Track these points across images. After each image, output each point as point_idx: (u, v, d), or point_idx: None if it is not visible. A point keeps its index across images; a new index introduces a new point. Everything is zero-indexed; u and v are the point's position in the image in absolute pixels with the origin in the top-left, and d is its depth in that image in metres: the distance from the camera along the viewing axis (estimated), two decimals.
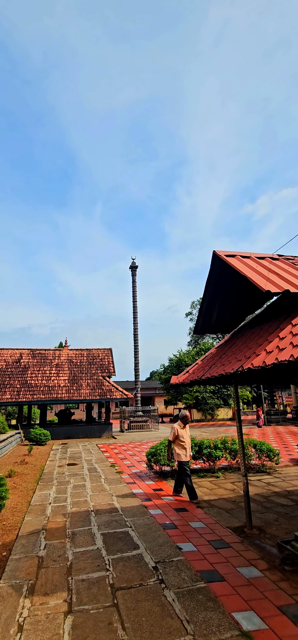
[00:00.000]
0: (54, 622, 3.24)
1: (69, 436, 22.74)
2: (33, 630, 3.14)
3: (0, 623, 3.26)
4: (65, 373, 24.85)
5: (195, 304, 57.88)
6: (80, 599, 3.60)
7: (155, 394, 54.00)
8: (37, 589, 3.84)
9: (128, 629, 3.11)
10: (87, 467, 11.19)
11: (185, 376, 6.28)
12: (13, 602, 3.61)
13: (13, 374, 24.01)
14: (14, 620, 3.29)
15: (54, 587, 3.85)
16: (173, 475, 9.17)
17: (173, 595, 3.61)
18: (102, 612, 3.37)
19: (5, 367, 24.48)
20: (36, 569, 4.30)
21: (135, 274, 29.93)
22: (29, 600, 3.63)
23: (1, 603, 3.58)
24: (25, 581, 4.01)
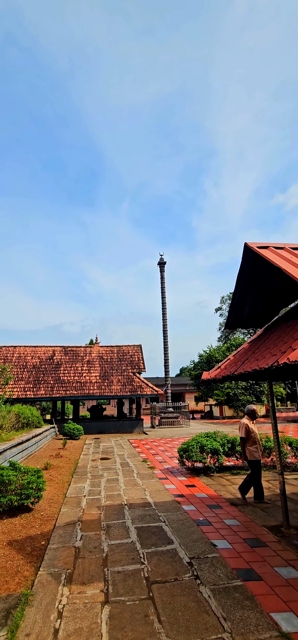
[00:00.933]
0: (92, 611, 3.32)
1: (101, 431, 23.20)
2: (72, 617, 3.24)
3: (41, 609, 3.39)
4: (96, 369, 25.35)
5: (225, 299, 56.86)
6: (116, 590, 3.66)
7: (186, 390, 53.76)
8: (75, 578, 3.96)
9: (164, 622, 3.13)
10: (119, 461, 11.37)
11: (217, 372, 6.19)
12: (52, 589, 3.74)
13: (47, 371, 24.84)
14: (53, 607, 3.41)
15: (90, 577, 3.95)
16: (205, 472, 9.10)
17: (209, 591, 3.59)
18: (138, 604, 3.41)
19: (39, 364, 25.38)
20: (73, 559, 4.43)
21: (163, 270, 29.88)
22: (68, 588, 3.75)
23: (41, 590, 3.73)
24: (63, 570, 4.15)
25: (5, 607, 3.43)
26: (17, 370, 24.31)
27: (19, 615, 3.28)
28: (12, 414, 14.94)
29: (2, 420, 13.34)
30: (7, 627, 3.12)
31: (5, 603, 3.51)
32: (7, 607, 3.43)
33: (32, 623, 3.18)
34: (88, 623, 3.15)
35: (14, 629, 3.08)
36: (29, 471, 6.61)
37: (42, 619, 3.24)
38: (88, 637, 2.98)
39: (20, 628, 3.11)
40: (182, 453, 9.21)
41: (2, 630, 3.07)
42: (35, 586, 3.80)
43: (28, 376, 24.16)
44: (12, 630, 3.07)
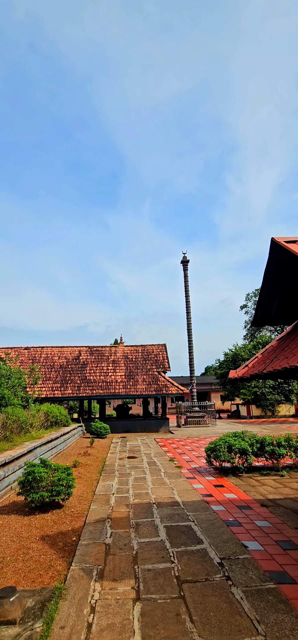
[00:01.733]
0: (124, 608, 3.36)
1: (127, 430, 23.40)
2: (104, 613, 3.29)
3: (74, 603, 3.47)
4: (122, 369, 25.58)
5: (250, 296, 55.72)
6: (147, 588, 3.68)
7: (211, 390, 53.16)
8: (106, 574, 4.02)
9: (196, 622, 3.12)
10: (146, 460, 11.42)
11: (244, 370, 6.08)
12: (85, 584, 3.82)
13: (73, 370, 25.36)
14: (86, 602, 3.48)
15: (121, 574, 4.00)
16: (234, 472, 8.96)
17: (241, 593, 3.53)
18: (169, 602, 3.42)
19: (66, 364, 25.95)
20: (104, 556, 4.50)
21: (186, 268, 29.70)
22: (99, 584, 3.81)
23: (74, 584, 3.82)
24: (94, 566, 4.22)
25: (40, 600, 3.54)
26: (45, 370, 24.98)
27: (54, 608, 3.37)
28: (41, 413, 15.38)
29: (32, 419, 13.77)
30: (42, 619, 3.22)
31: (40, 596, 3.62)
32: (42, 600, 3.54)
33: (66, 616, 3.26)
34: (120, 619, 3.19)
35: (49, 621, 3.17)
36: (59, 468, 6.77)
37: (76, 612, 3.31)
38: (121, 632, 3.01)
39: (55, 620, 3.19)
40: (210, 452, 9.12)
41: (38, 622, 3.17)
42: (68, 581, 3.89)
43: (55, 376, 24.77)
44: (47, 622, 3.16)
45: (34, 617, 3.26)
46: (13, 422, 11.73)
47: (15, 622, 3.16)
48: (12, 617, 3.17)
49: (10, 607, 3.21)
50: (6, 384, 15.33)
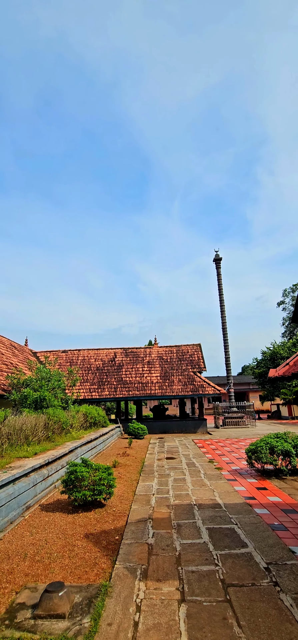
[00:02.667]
0: (169, 608, 3.35)
1: (164, 431, 23.40)
2: (150, 612, 3.30)
3: (120, 601, 3.52)
4: (157, 370, 25.65)
5: (288, 291, 53.61)
6: (192, 590, 3.65)
7: (249, 389, 51.75)
8: (150, 574, 4.03)
9: (244, 627, 3.04)
10: (185, 461, 11.34)
11: (285, 369, 5.86)
12: (129, 583, 3.86)
13: (109, 372, 25.82)
14: (131, 600, 3.52)
15: (165, 575, 3.99)
16: (277, 475, 8.64)
17: (291, 600, 3.39)
18: (215, 606, 3.36)
19: (102, 366, 26.48)
20: (147, 555, 4.52)
21: (219, 266, 29.17)
22: (144, 583, 3.83)
23: (119, 583, 3.87)
24: (138, 565, 4.25)
25: (87, 596, 3.62)
26: (82, 372, 25.67)
27: (100, 605, 3.44)
28: (80, 414, 15.81)
29: (72, 420, 14.19)
30: (89, 614, 3.30)
31: (86, 592, 3.71)
32: (89, 596, 3.62)
33: (112, 614, 3.31)
34: (166, 619, 3.19)
35: (97, 618, 3.24)
36: (100, 468, 6.91)
37: (122, 610, 3.35)
38: (167, 633, 3.01)
39: (102, 617, 3.25)
40: (251, 454, 8.87)
41: (86, 617, 3.25)
42: (113, 579, 3.95)
43: (92, 378, 25.36)
44: (94, 618, 3.23)
45: (81, 612, 3.34)
46: (54, 423, 12.16)
47: (64, 616, 3.26)
48: (61, 611, 3.28)
49: (59, 601, 3.32)
50: (47, 386, 15.93)
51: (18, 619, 3.25)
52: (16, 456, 8.39)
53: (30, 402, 14.05)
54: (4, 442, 8.82)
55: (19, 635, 3.00)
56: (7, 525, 5.67)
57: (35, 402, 14.09)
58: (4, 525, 5.56)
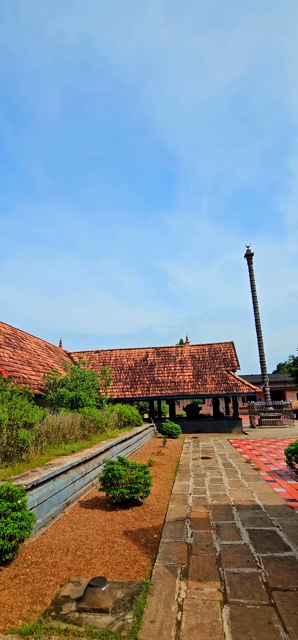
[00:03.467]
0: (212, 609, 3.31)
1: (198, 430, 23.18)
2: (192, 612, 3.28)
3: (162, 599, 3.52)
4: (189, 369, 25.46)
5: None
6: (234, 592, 3.58)
7: (286, 388, 49.95)
8: (190, 574, 4.01)
9: (291, 633, 2.93)
10: (221, 461, 11.16)
11: None
12: (170, 582, 3.85)
13: (142, 372, 25.99)
14: (173, 599, 3.51)
15: (206, 575, 3.95)
16: None
17: None
18: (259, 609, 3.27)
19: (135, 365, 26.71)
20: (186, 555, 4.49)
21: (251, 262, 28.41)
22: (184, 583, 3.81)
23: (159, 581, 3.88)
24: (178, 564, 4.24)
25: (129, 593, 3.67)
26: (115, 372, 26.05)
27: (142, 602, 3.46)
28: (115, 413, 16.06)
29: (106, 419, 14.45)
30: (132, 611, 3.33)
31: (128, 588, 3.75)
32: (130, 593, 3.66)
33: (154, 611, 3.32)
34: (209, 620, 3.15)
35: (139, 614, 3.26)
36: (136, 467, 6.97)
37: (164, 609, 3.36)
38: (211, 634, 2.97)
39: (145, 614, 3.27)
40: (291, 455, 8.56)
41: (128, 613, 3.29)
42: (153, 576, 3.97)
43: (125, 377, 25.66)
44: (137, 614, 3.26)
45: (124, 608, 3.39)
46: (90, 422, 12.44)
47: (108, 611, 3.32)
48: (105, 606, 3.34)
49: (102, 596, 3.38)
50: (81, 386, 16.33)
51: (63, 611, 3.35)
52: (55, 454, 8.67)
53: (67, 401, 14.46)
54: (43, 440, 9.15)
55: (66, 627, 3.09)
56: (49, 520, 5.87)
57: (71, 402, 14.49)
58: (46, 520, 5.77)
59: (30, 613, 3.35)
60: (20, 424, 7.75)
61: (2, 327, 18.99)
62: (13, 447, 7.60)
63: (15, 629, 3.11)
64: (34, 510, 5.48)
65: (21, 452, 7.75)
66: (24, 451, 7.83)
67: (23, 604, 3.50)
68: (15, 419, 7.72)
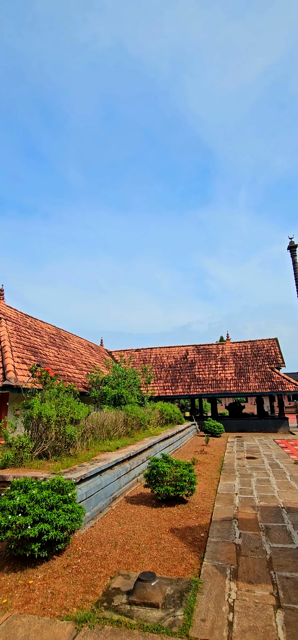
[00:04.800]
0: (264, 613, 3.21)
1: (242, 429, 22.59)
2: (244, 614, 3.20)
3: (212, 598, 3.48)
4: (231, 366, 24.88)
5: None
6: (288, 597, 3.44)
7: None
8: (240, 575, 3.91)
9: None
10: (267, 462, 10.78)
11: None
12: (219, 582, 3.79)
13: (182, 370, 25.86)
14: (223, 599, 3.45)
15: (256, 578, 3.83)
16: None
17: None
18: None
19: (175, 364, 26.64)
20: (235, 556, 4.40)
21: (295, 254, 27.00)
22: (234, 584, 3.73)
23: (209, 580, 3.83)
24: (227, 565, 4.16)
25: (178, 589, 3.67)
26: (155, 370, 26.18)
27: (192, 599, 3.45)
28: (156, 411, 16.14)
29: (148, 417, 14.57)
30: (182, 608, 3.33)
31: (177, 585, 3.75)
32: (180, 590, 3.66)
33: (205, 610, 3.29)
34: (262, 624, 3.05)
35: (190, 612, 3.25)
36: (181, 464, 6.95)
37: (215, 608, 3.31)
38: (264, 638, 2.88)
39: (195, 612, 3.25)
40: None
41: (178, 610, 3.29)
42: (202, 575, 3.93)
43: (165, 375, 25.69)
44: (187, 612, 3.25)
45: (174, 604, 3.39)
46: (132, 419, 12.61)
47: (158, 606, 3.34)
48: (155, 600, 3.37)
49: (152, 591, 3.42)
50: (123, 384, 16.61)
51: (115, 603, 3.44)
52: (100, 449, 8.91)
53: (109, 399, 14.79)
54: (89, 436, 9.43)
55: (118, 618, 3.17)
56: (97, 514, 6.05)
57: (113, 399, 14.80)
58: (94, 513, 5.95)
59: (83, 602, 3.47)
60: (67, 420, 8.06)
61: (47, 328, 19.89)
62: (61, 442, 7.93)
63: (70, 615, 3.24)
64: (82, 503, 5.67)
65: (68, 447, 8.06)
66: (71, 446, 8.13)
67: (76, 593, 3.63)
68: (63, 415, 8.04)
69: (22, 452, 7.16)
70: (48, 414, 7.72)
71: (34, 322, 18.71)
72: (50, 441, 7.77)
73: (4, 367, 11.22)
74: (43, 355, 15.04)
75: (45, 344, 16.83)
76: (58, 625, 3.11)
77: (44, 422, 7.76)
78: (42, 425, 7.81)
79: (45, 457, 7.64)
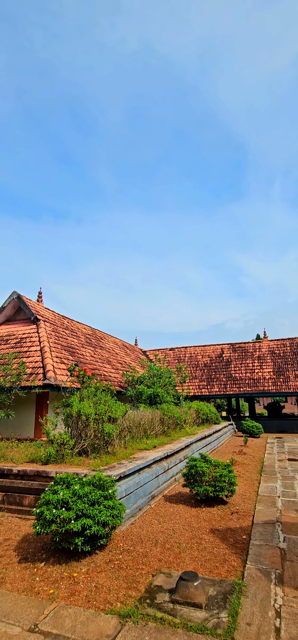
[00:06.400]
0: None
1: (282, 430, 21.80)
2: (292, 621, 3.08)
3: (257, 602, 3.38)
4: (269, 365, 24.08)
5: None
6: None
7: None
8: (286, 580, 3.77)
9: None
10: None
11: None
12: (264, 586, 3.68)
13: (218, 369, 25.42)
14: (269, 604, 3.34)
15: None
16: None
17: None
18: None
19: (210, 362, 26.26)
20: (280, 560, 4.24)
21: None
22: (280, 589, 3.60)
23: (253, 584, 3.73)
24: (271, 569, 4.03)
25: (221, 591, 3.60)
26: (190, 369, 25.96)
27: (236, 602, 3.37)
28: (192, 410, 16.00)
29: (184, 416, 14.48)
30: (226, 610, 3.26)
31: (220, 587, 3.69)
32: (223, 592, 3.59)
33: (250, 614, 3.20)
34: None
35: (234, 615, 3.18)
36: (220, 465, 6.83)
37: (260, 613, 3.21)
38: None
39: (240, 615, 3.18)
40: None
41: (222, 612, 3.23)
42: (245, 578, 3.83)
43: (201, 374, 25.40)
44: (232, 615, 3.18)
45: (217, 606, 3.33)
46: (169, 418, 12.61)
47: (201, 606, 3.30)
48: (198, 601, 3.33)
49: (195, 591, 3.38)
50: (158, 383, 16.65)
51: (157, 600, 3.44)
52: (137, 448, 9.00)
53: (145, 398, 14.89)
54: (126, 434, 9.56)
55: (161, 616, 3.17)
56: (137, 511, 6.11)
57: (149, 398, 14.88)
58: (134, 511, 6.01)
59: (126, 597, 3.51)
60: (105, 419, 8.22)
61: (83, 328, 20.42)
62: (99, 440, 8.11)
63: (114, 610, 3.30)
64: (122, 500, 5.75)
65: (107, 445, 8.22)
66: (109, 444, 8.29)
67: (119, 588, 3.69)
68: (101, 413, 8.21)
69: (63, 448, 7.41)
70: (87, 412, 7.92)
71: (71, 323, 19.28)
72: (89, 439, 7.97)
73: (43, 366, 11.67)
74: (80, 355, 15.46)
75: (82, 344, 17.29)
76: (103, 619, 3.17)
77: (83, 420, 7.98)
78: (81, 423, 8.04)
79: (85, 454, 7.85)
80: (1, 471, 6.70)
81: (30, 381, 10.95)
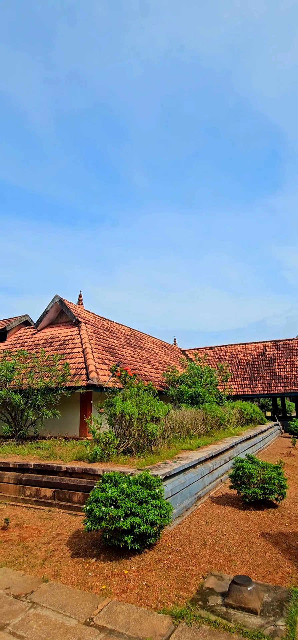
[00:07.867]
0: None
1: None
2: None
3: None
4: None
5: None
6: None
7: None
8: None
9: None
10: None
11: None
12: None
13: (260, 367, 24.56)
14: None
15: None
16: None
17: None
18: None
19: (252, 361, 25.44)
20: None
21: None
22: None
23: None
24: None
25: (277, 598, 3.45)
26: (231, 368, 25.34)
27: (294, 610, 3.21)
28: (236, 410, 15.59)
29: (228, 416, 14.16)
30: (283, 618, 3.12)
31: (275, 593, 3.54)
32: (279, 599, 3.44)
33: None
34: None
35: (292, 623, 3.03)
36: (268, 466, 6.57)
37: None
38: None
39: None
40: None
41: (279, 620, 3.09)
42: None
43: (243, 373, 24.70)
44: (290, 623, 3.03)
45: (274, 613, 3.20)
46: (212, 418, 12.39)
47: (256, 612, 3.18)
48: (252, 606, 3.22)
49: (249, 595, 3.27)
50: (200, 382, 16.43)
51: (210, 603, 3.38)
52: (181, 447, 8.94)
53: (187, 397, 14.77)
54: (169, 434, 9.54)
55: (215, 619, 3.10)
56: (183, 512, 6.06)
57: (190, 398, 14.74)
58: (180, 511, 5.97)
59: (177, 598, 3.49)
60: (148, 418, 8.26)
61: (122, 329, 20.73)
62: (143, 439, 8.17)
63: (166, 609, 3.29)
64: (168, 500, 5.74)
65: (150, 444, 8.26)
66: (153, 444, 8.32)
67: (170, 588, 3.67)
68: (144, 413, 8.26)
69: (109, 447, 7.56)
70: (130, 412, 8.01)
71: (110, 324, 19.66)
72: (133, 438, 8.06)
73: (86, 367, 12.01)
74: (120, 355, 15.71)
75: (122, 344, 17.56)
76: (156, 617, 3.18)
77: (126, 419, 8.08)
78: (125, 422, 8.15)
79: (130, 453, 7.95)
80: (51, 468, 6.99)
81: (74, 381, 11.31)
